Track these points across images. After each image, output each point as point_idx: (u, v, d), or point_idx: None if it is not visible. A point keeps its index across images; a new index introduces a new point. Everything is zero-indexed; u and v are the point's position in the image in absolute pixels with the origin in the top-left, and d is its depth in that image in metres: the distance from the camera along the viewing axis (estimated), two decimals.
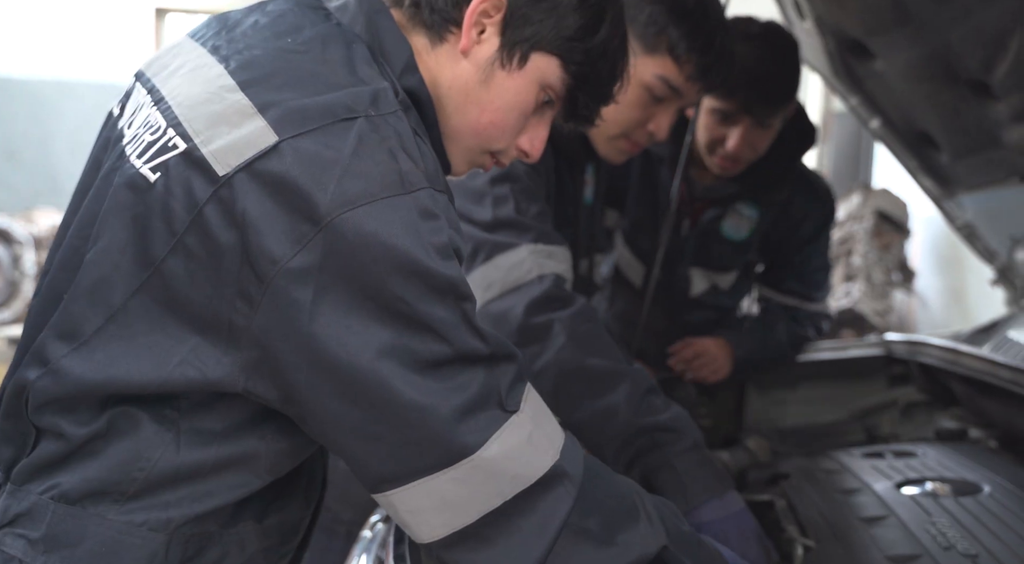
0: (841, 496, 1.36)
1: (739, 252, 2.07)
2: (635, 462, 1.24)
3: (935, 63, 1.59)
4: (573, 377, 1.29)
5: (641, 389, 1.28)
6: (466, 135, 0.97)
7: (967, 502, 1.25)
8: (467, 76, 0.94)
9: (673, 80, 1.39)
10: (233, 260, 0.76)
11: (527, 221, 1.40)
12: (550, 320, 1.32)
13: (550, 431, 0.86)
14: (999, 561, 1.05)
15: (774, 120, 1.77)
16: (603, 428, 1.25)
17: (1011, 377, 1.46)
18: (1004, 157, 1.58)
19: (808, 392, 2.16)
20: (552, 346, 1.31)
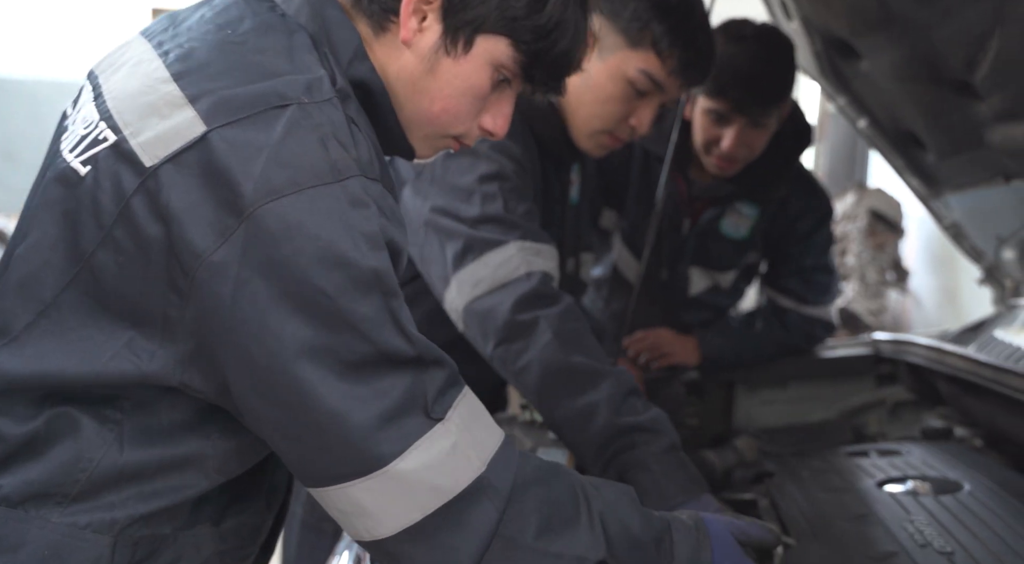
0: (823, 494, 1.37)
1: (739, 251, 2.08)
2: (612, 461, 1.24)
3: (919, 63, 1.59)
4: (556, 375, 1.30)
5: (623, 390, 1.28)
6: (421, 123, 0.95)
7: (947, 500, 1.26)
8: (412, 67, 0.92)
9: (656, 74, 1.41)
10: (160, 253, 0.76)
11: (515, 219, 1.41)
12: (536, 317, 1.33)
13: (481, 440, 0.83)
14: (974, 559, 1.05)
15: (768, 120, 1.79)
16: (583, 427, 1.26)
17: (993, 376, 1.47)
18: (988, 157, 1.59)
19: (797, 391, 2.17)
20: (537, 343, 1.32)
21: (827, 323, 2.13)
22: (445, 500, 0.79)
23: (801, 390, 2.16)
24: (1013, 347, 1.60)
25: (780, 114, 1.84)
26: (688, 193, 2.03)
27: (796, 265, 2.07)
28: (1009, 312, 2.03)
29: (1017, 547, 1.07)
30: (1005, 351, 1.61)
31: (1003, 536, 1.11)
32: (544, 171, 1.58)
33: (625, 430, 1.24)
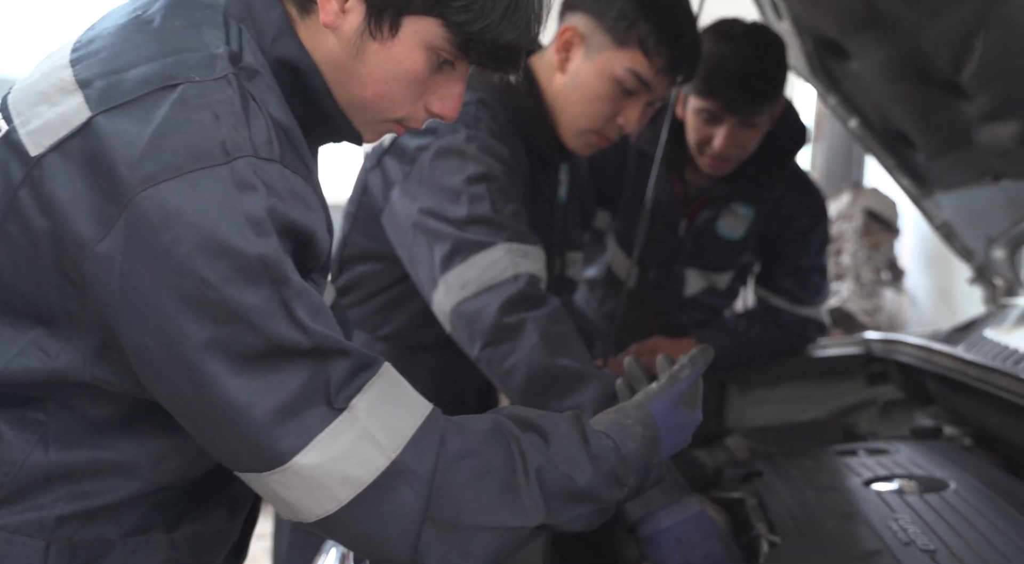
0: (810, 493, 1.37)
1: (735, 251, 2.09)
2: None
3: (907, 63, 1.60)
4: (542, 378, 1.30)
5: (608, 392, 1.28)
6: (357, 109, 0.92)
7: (932, 499, 1.26)
8: (338, 51, 0.88)
9: (643, 73, 1.43)
10: (49, 246, 0.74)
11: (503, 220, 1.41)
12: (523, 319, 1.33)
13: (394, 425, 0.79)
14: (956, 557, 1.06)
15: (759, 119, 1.80)
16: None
17: (979, 375, 1.47)
18: (976, 157, 1.59)
19: (789, 391, 2.17)
20: (523, 346, 1.32)
21: (820, 323, 2.14)
22: (359, 490, 0.77)
23: (793, 389, 2.17)
24: (1001, 346, 1.61)
25: (772, 113, 1.85)
26: (684, 194, 2.03)
27: (791, 265, 2.08)
28: (1000, 311, 2.04)
29: (1000, 545, 1.07)
30: (993, 350, 1.62)
31: (987, 535, 1.11)
32: (532, 171, 1.58)
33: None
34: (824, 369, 2.14)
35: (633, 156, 2.02)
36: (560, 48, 1.50)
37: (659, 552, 1.15)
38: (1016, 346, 1.58)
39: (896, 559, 1.07)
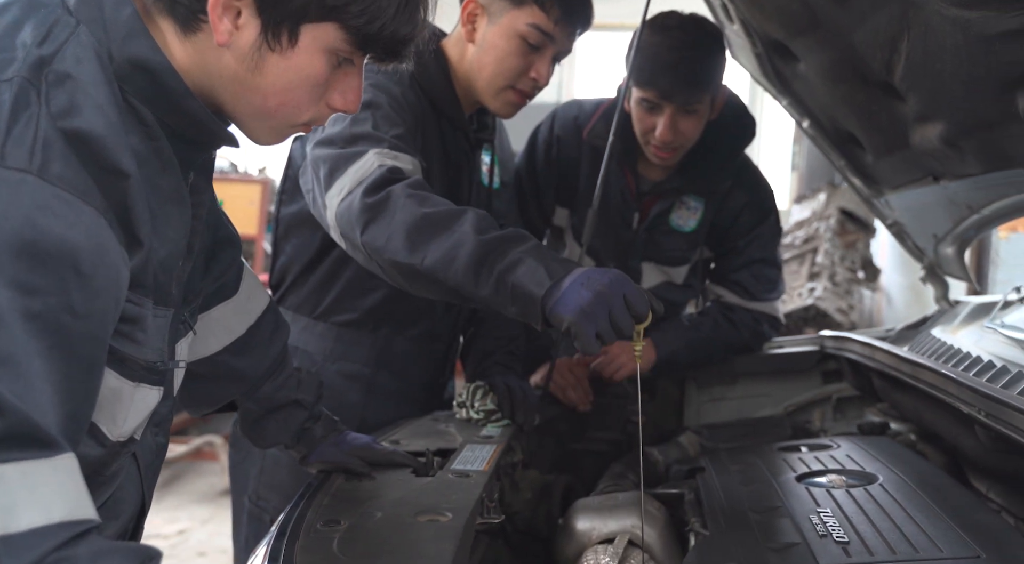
0: (744, 488, 1.40)
1: (689, 244, 2.13)
2: (491, 275, 1.25)
3: (846, 65, 1.63)
4: (419, 226, 1.33)
5: (483, 217, 1.33)
6: (257, 118, 0.93)
7: (857, 493, 1.29)
8: (234, 67, 0.88)
9: (543, 25, 1.58)
10: None
11: (382, 136, 1.49)
12: (388, 192, 1.38)
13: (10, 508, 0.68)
14: (867, 547, 1.08)
15: (699, 106, 1.87)
16: (455, 258, 1.27)
17: (911, 372, 1.50)
18: (916, 157, 1.62)
19: (746, 388, 2.21)
20: (394, 209, 1.36)
21: (774, 318, 2.16)
22: None
23: (750, 387, 2.20)
24: (943, 344, 1.64)
25: (713, 101, 1.92)
26: (637, 188, 2.08)
27: (744, 258, 2.11)
28: (951, 310, 2.07)
29: (912, 536, 1.10)
30: (934, 347, 1.65)
31: (900, 525, 1.14)
32: (443, 139, 1.69)
33: (493, 243, 1.27)
34: (780, 367, 2.17)
35: (587, 152, 2.07)
36: (466, 21, 1.65)
37: (567, 306, 1.17)
38: (956, 343, 1.61)
39: (811, 551, 1.10)
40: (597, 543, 1.36)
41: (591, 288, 1.17)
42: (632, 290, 1.20)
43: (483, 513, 1.20)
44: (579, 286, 1.18)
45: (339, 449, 1.30)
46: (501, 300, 1.24)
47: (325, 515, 1.07)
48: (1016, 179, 1.33)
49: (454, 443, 1.47)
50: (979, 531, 1.10)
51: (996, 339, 1.48)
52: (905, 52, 1.34)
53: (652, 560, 1.33)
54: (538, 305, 1.20)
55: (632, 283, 1.21)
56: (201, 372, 1.21)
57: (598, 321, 1.17)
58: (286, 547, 0.95)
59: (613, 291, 1.18)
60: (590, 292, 1.17)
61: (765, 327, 2.14)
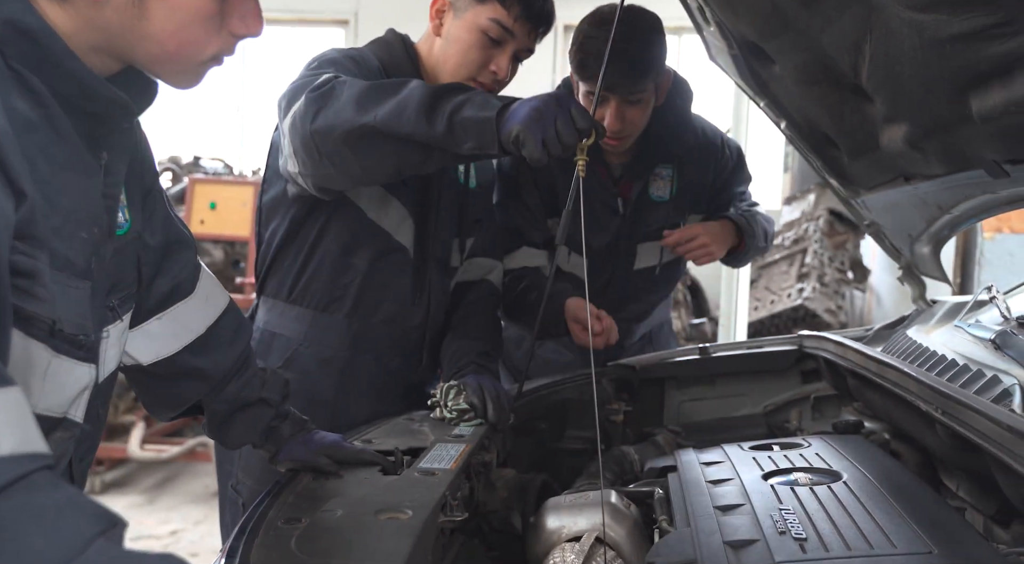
0: (711, 486, 1.42)
1: (675, 211, 2.25)
2: (442, 115, 1.35)
3: (818, 67, 1.64)
4: (367, 93, 1.43)
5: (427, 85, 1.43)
6: (163, 63, 0.93)
7: (820, 490, 1.30)
8: (119, 20, 0.88)
9: (504, 21, 1.67)
10: None
11: (343, 75, 1.56)
12: (330, 81, 1.49)
13: None
14: (824, 544, 1.10)
15: (642, 95, 1.97)
16: (405, 107, 1.37)
17: (878, 370, 1.51)
18: (886, 158, 1.63)
19: (725, 388, 2.22)
20: (340, 91, 1.45)
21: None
22: None
23: (729, 387, 2.22)
24: (913, 343, 1.65)
25: (657, 88, 2.01)
26: (610, 176, 2.18)
27: (728, 194, 2.31)
28: (928, 309, 2.08)
29: (868, 532, 1.11)
30: (904, 346, 1.66)
31: (859, 522, 1.15)
32: None
33: (441, 90, 1.38)
34: (759, 366, 2.18)
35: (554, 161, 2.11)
36: (434, 16, 1.75)
37: (516, 116, 1.30)
38: (926, 343, 1.62)
39: (768, 547, 1.11)
40: (566, 541, 1.37)
41: (539, 100, 1.31)
42: (578, 106, 1.33)
43: (446, 511, 1.21)
44: (526, 103, 1.32)
45: (307, 448, 1.32)
46: (456, 137, 1.34)
47: (287, 513, 1.08)
48: (979, 179, 1.34)
49: (426, 442, 1.48)
50: (935, 527, 1.11)
51: (963, 338, 1.50)
52: (869, 54, 1.36)
53: (619, 558, 1.35)
54: (492, 125, 1.31)
55: (578, 103, 1.33)
56: (164, 373, 1.23)
57: (545, 127, 1.29)
58: (244, 544, 0.96)
59: (560, 104, 1.31)
60: (538, 101, 1.30)
61: (770, 221, 2.38)
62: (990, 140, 1.15)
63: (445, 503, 1.19)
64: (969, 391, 1.20)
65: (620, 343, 2.29)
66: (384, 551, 0.96)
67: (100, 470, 4.85)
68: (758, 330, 4.56)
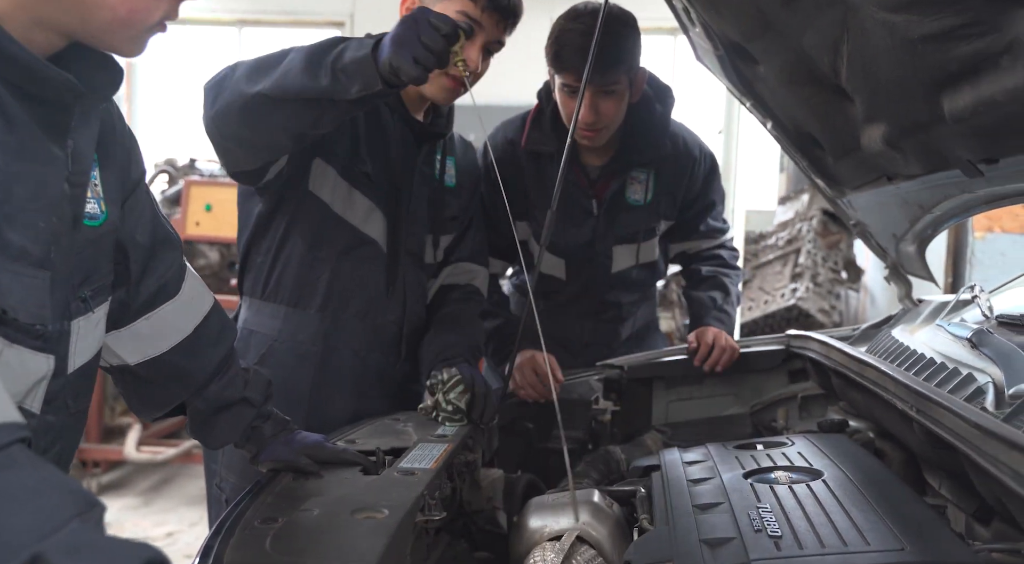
0: (691, 485, 1.42)
1: (650, 215, 2.28)
2: (324, 67, 1.41)
3: (800, 68, 1.65)
4: (255, 67, 1.49)
5: None
6: (114, 31, 0.94)
7: (799, 489, 1.31)
8: None
9: (471, 12, 1.68)
10: None
11: None
12: (224, 70, 1.56)
13: None
14: (798, 541, 1.10)
15: (616, 87, 2.01)
16: (291, 69, 1.44)
17: (859, 370, 1.52)
18: (868, 158, 1.64)
19: (713, 387, 2.23)
20: (234, 73, 1.53)
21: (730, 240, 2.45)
22: None
23: (717, 386, 2.23)
24: (895, 342, 1.66)
25: (631, 81, 2.05)
26: (586, 177, 2.21)
27: (702, 204, 2.33)
28: (914, 309, 2.08)
29: (843, 529, 1.12)
30: (886, 346, 1.67)
31: (834, 519, 1.16)
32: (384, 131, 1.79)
33: (317, 46, 1.44)
34: (748, 366, 2.19)
35: (528, 162, 2.17)
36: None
37: (385, 47, 1.35)
38: (907, 342, 1.63)
39: (743, 544, 1.12)
40: (547, 540, 1.38)
41: (398, 24, 1.35)
42: (435, 15, 1.36)
43: (425, 510, 1.22)
44: (391, 31, 1.36)
45: (289, 448, 1.32)
46: (342, 84, 1.39)
47: (264, 513, 1.09)
48: (957, 179, 1.34)
49: (409, 442, 1.49)
50: (909, 525, 1.12)
51: (944, 337, 1.50)
52: (846, 55, 1.37)
53: (600, 556, 1.35)
54: (370, 62, 1.35)
55: (435, 12, 1.37)
56: (150, 374, 1.23)
57: (412, 46, 1.32)
58: (219, 544, 0.97)
59: (417, 19, 1.34)
60: (398, 26, 1.34)
61: (735, 253, 2.42)
62: (963, 140, 1.15)
63: (423, 503, 1.20)
64: (944, 390, 1.20)
65: (607, 344, 2.31)
66: (358, 550, 0.97)
67: (97, 472, 4.85)
68: (752, 330, 4.56)
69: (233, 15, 7.66)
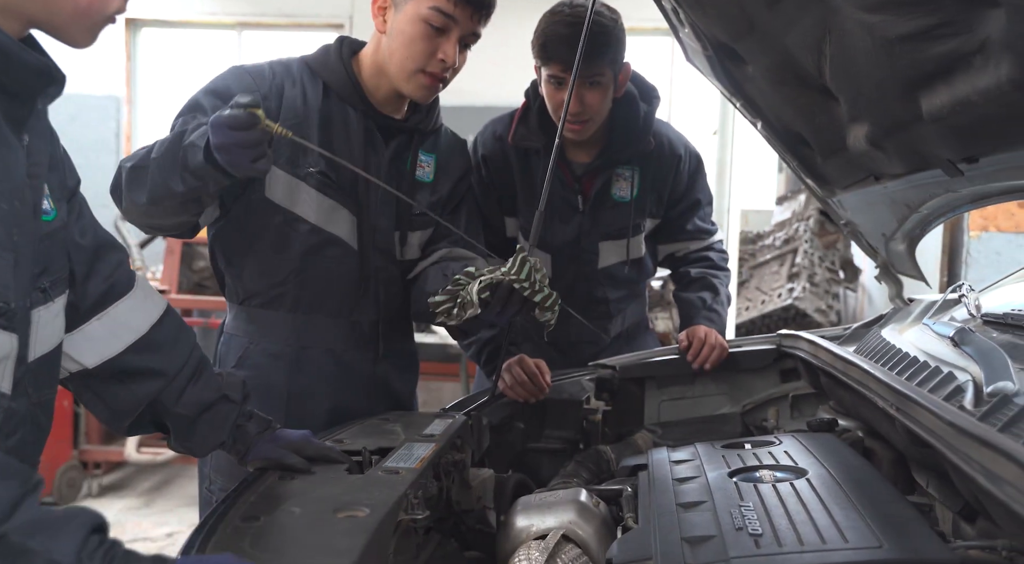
0: (677, 484, 1.43)
1: (636, 212, 2.29)
2: (181, 177, 1.47)
3: (786, 68, 1.65)
4: (133, 171, 1.56)
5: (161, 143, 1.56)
6: (75, 21, 1.01)
7: (783, 488, 1.31)
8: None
9: (444, 8, 1.68)
10: None
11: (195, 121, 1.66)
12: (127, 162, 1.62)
13: None
14: (778, 539, 1.11)
15: (601, 78, 2.05)
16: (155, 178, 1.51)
17: (844, 369, 1.52)
18: (855, 158, 1.64)
19: (704, 387, 2.23)
20: (121, 178, 1.60)
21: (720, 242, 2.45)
22: None
23: (708, 386, 2.23)
24: (882, 341, 1.66)
25: (616, 74, 2.08)
26: (572, 174, 2.23)
27: (688, 203, 2.34)
28: (904, 309, 2.08)
29: (823, 527, 1.12)
30: (873, 345, 1.67)
31: (815, 518, 1.16)
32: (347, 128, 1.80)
33: (172, 146, 1.50)
34: (739, 365, 2.19)
35: (516, 159, 2.18)
36: (376, 14, 1.76)
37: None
38: (894, 341, 1.63)
39: (723, 542, 1.12)
40: (533, 539, 1.39)
41: (210, 128, 1.38)
42: (226, 114, 1.35)
43: (407, 509, 1.22)
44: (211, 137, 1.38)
45: (275, 445, 1.33)
46: (200, 185, 1.45)
47: (247, 511, 1.10)
48: (940, 178, 1.35)
49: (396, 442, 1.50)
50: (889, 523, 1.12)
51: (929, 336, 1.51)
52: (829, 55, 1.37)
53: (585, 555, 1.36)
54: (211, 168, 1.40)
55: (225, 111, 1.37)
56: (112, 375, 1.25)
57: (233, 152, 1.35)
58: (200, 543, 0.98)
59: (215, 124, 1.36)
60: (210, 133, 1.37)
61: (725, 255, 2.43)
62: (942, 139, 1.16)
63: (406, 501, 1.21)
64: (925, 388, 1.21)
65: (596, 341, 2.32)
66: (336, 549, 0.97)
67: (97, 473, 4.87)
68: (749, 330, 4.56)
69: (233, 18, 7.68)
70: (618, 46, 2.08)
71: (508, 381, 1.97)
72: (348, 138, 1.79)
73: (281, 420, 1.49)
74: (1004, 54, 0.87)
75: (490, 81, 5.41)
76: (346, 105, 1.79)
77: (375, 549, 1.02)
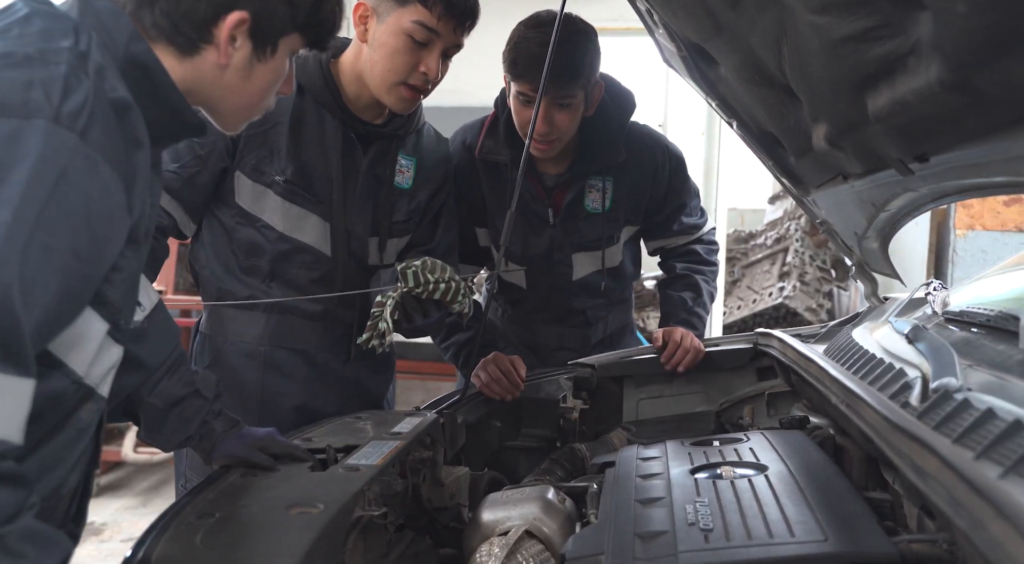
0: (639, 481, 1.44)
1: (611, 223, 2.25)
2: None
3: (752, 68, 1.66)
4: None
5: None
6: (241, 113, 1.18)
7: (740, 484, 1.33)
8: (231, 80, 1.13)
9: (427, 21, 1.66)
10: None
11: None
12: None
13: None
14: (728, 534, 1.12)
15: (571, 100, 1.98)
16: None
17: (805, 366, 1.53)
18: (821, 157, 1.65)
19: (682, 386, 2.24)
20: None
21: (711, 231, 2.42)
22: None
23: (686, 384, 2.24)
24: (848, 340, 1.67)
25: (587, 95, 2.01)
26: (542, 186, 2.18)
27: (674, 204, 2.31)
28: (879, 307, 2.09)
29: (773, 522, 1.14)
30: (840, 343, 1.68)
31: (767, 513, 1.18)
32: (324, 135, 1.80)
33: None
34: (715, 364, 2.21)
35: (483, 169, 2.15)
36: (358, 23, 1.73)
37: None
38: (860, 339, 1.64)
39: (675, 537, 1.14)
40: (496, 535, 1.40)
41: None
42: None
43: (364, 506, 1.24)
44: None
45: (241, 442, 1.35)
46: None
47: (203, 509, 1.11)
48: (897, 177, 1.36)
49: (363, 440, 1.51)
50: (838, 518, 1.13)
51: (892, 335, 1.52)
52: (787, 55, 1.38)
53: (547, 551, 1.37)
54: None
55: None
56: None
57: None
58: (152, 539, 1.00)
59: None
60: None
61: (714, 246, 2.41)
62: (889, 138, 1.17)
63: (363, 498, 1.22)
64: (876, 386, 1.22)
65: (577, 349, 2.32)
66: (287, 544, 0.99)
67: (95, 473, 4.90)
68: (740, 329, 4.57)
69: None
70: (592, 66, 2.02)
71: (483, 378, 1.98)
72: (324, 144, 1.79)
73: (254, 419, 1.51)
74: (934, 55, 0.89)
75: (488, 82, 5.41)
76: (323, 109, 1.79)
77: (325, 545, 1.04)
